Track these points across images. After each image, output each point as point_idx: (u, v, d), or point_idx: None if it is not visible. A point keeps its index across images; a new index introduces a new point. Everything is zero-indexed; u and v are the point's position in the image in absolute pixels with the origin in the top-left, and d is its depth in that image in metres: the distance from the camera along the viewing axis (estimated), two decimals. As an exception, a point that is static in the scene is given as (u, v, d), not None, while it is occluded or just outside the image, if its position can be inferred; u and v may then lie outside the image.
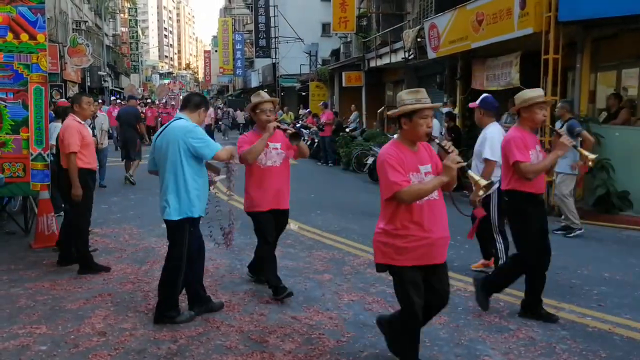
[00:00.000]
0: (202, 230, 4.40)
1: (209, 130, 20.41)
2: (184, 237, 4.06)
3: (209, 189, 4.31)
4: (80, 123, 5.50)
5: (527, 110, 4.25)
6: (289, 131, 4.52)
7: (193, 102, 4.18)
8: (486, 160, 5.10)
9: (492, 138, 5.11)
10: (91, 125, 9.06)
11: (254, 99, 4.61)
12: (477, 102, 5.38)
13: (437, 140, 3.21)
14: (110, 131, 17.18)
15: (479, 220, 4.95)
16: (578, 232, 7.17)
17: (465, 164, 3.08)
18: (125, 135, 11.78)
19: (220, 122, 28.19)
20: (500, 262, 5.23)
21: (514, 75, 9.55)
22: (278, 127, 4.52)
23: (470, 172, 3.24)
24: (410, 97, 3.18)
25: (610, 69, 9.24)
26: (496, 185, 4.88)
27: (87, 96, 5.82)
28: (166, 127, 4.12)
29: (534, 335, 4.00)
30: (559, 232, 7.20)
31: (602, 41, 8.55)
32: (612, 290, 5.03)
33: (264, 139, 4.39)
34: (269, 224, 4.61)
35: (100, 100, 19.94)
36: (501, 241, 5.30)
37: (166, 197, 3.99)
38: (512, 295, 4.83)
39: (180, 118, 4.09)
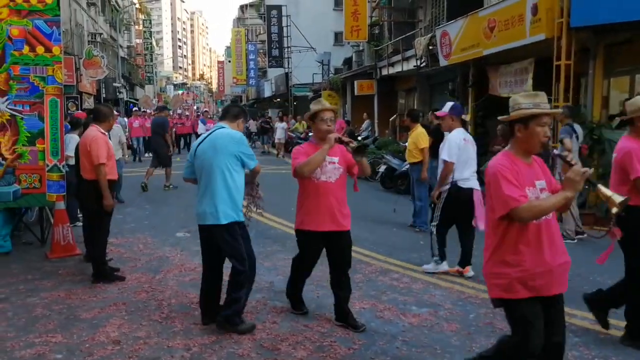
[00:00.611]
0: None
1: None
2: (238, 239, 4.12)
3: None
4: (105, 134, 5.59)
5: None
6: (352, 144, 4.03)
7: (232, 113, 4.31)
8: (444, 162, 5.50)
9: (450, 141, 5.53)
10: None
11: (314, 107, 4.24)
12: (447, 110, 5.73)
13: (556, 151, 2.97)
14: (131, 142, 17.54)
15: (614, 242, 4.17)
16: (570, 241, 7.08)
17: (589, 173, 2.66)
18: (154, 144, 12.31)
19: None
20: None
21: (529, 82, 9.52)
22: (339, 140, 4.06)
23: (601, 188, 2.78)
24: (527, 101, 2.77)
25: (623, 75, 9.15)
26: (447, 187, 5.52)
27: (113, 110, 5.97)
28: (209, 135, 4.17)
29: (547, 343, 3.96)
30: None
31: (615, 47, 8.48)
32: (628, 298, 4.96)
33: (324, 150, 3.99)
34: (314, 246, 4.22)
35: (116, 112, 20.22)
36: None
37: (214, 202, 4.01)
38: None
39: (223, 127, 4.18)
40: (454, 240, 5.76)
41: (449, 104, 5.86)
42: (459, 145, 5.48)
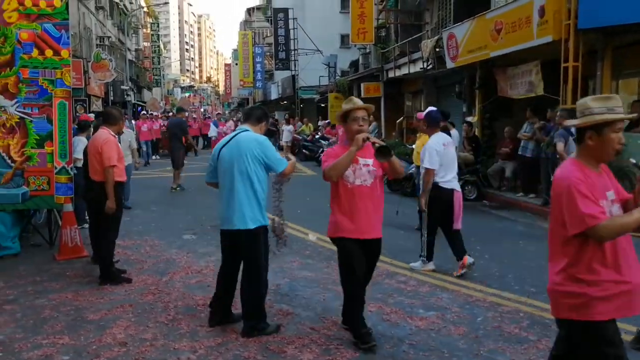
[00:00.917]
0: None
1: None
2: (262, 244, 4.08)
3: None
4: (115, 137, 5.66)
5: None
6: (376, 144, 3.78)
7: (255, 116, 4.25)
8: (425, 169, 5.62)
9: (430, 148, 5.65)
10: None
11: (345, 106, 3.94)
12: (424, 114, 5.93)
13: (634, 161, 2.85)
14: (139, 145, 17.57)
15: None
16: None
17: None
18: (171, 145, 12.45)
19: None
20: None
21: (537, 84, 9.48)
22: (368, 140, 3.77)
23: None
24: (600, 105, 2.50)
25: (631, 76, 9.09)
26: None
27: (120, 111, 6.03)
28: (232, 138, 4.11)
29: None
30: None
31: (623, 48, 8.43)
32: (637, 302, 4.92)
33: (351, 152, 3.71)
34: (357, 253, 3.87)
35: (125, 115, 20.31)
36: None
37: (240, 207, 3.96)
38: (533, 306, 4.76)
39: (246, 130, 4.13)
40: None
41: (429, 109, 6.07)
42: (438, 152, 5.60)
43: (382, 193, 4.05)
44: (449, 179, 5.66)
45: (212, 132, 19.33)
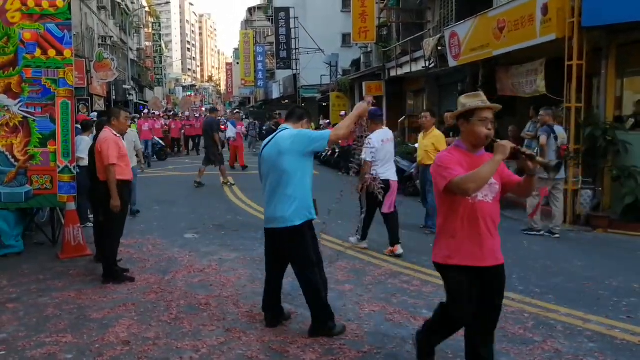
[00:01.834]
0: (224, 240, 4.42)
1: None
2: (307, 240, 4.04)
3: None
4: (117, 136, 5.64)
5: None
6: (539, 159, 3.14)
7: (296, 114, 4.23)
8: (364, 161, 5.97)
9: (368, 143, 5.87)
10: None
11: (471, 102, 3.15)
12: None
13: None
14: (141, 146, 17.46)
15: None
16: (537, 233, 7.73)
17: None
18: (204, 143, 13.33)
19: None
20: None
21: (540, 83, 9.44)
22: (516, 150, 3.07)
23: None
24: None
25: (637, 75, 9.04)
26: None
27: (125, 111, 6.01)
28: (273, 137, 4.11)
29: (560, 347, 3.91)
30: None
31: (628, 46, 8.38)
32: (642, 301, 4.90)
33: (495, 162, 3.01)
34: (468, 285, 3.18)
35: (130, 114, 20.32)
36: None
37: (285, 206, 3.94)
38: (537, 307, 4.75)
39: (286, 128, 4.12)
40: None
41: (370, 109, 6.69)
42: (376, 147, 6.23)
43: (499, 211, 3.30)
44: (385, 170, 6.38)
45: (231, 132, 17.44)
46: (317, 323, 4.07)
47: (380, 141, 6.41)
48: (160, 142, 20.14)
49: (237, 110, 16.36)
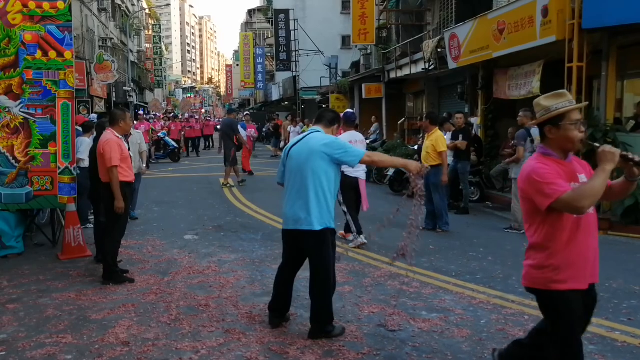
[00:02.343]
0: (224, 242, 4.43)
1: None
2: (329, 247, 3.99)
3: None
4: (119, 137, 5.63)
5: None
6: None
7: (327, 118, 4.23)
8: None
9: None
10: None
11: (556, 104, 2.76)
12: (342, 115, 6.73)
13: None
14: (146, 148, 17.26)
15: None
16: (515, 232, 7.94)
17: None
18: (223, 144, 13.37)
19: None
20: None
21: (535, 84, 9.45)
22: (625, 156, 2.68)
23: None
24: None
25: (637, 77, 9.05)
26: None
27: (128, 112, 6.02)
28: (303, 138, 4.10)
29: (560, 348, 3.90)
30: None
31: (628, 48, 8.39)
32: (642, 304, 4.89)
33: (606, 172, 2.62)
34: (580, 311, 2.88)
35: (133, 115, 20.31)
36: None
37: (307, 208, 3.90)
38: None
39: (318, 131, 4.11)
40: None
41: (345, 111, 7.29)
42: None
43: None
44: (353, 170, 6.55)
45: (242, 134, 16.39)
46: (316, 325, 4.07)
47: (348, 141, 6.27)
48: (174, 143, 20.06)
49: (246, 112, 15.20)
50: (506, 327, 4.31)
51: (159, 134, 20.12)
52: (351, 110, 7.33)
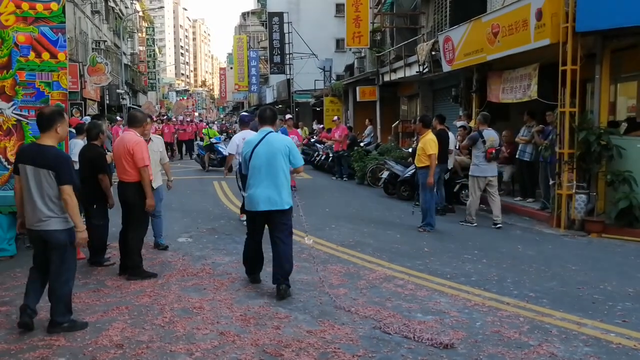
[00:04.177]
0: (217, 244, 4.40)
1: None
2: (291, 218, 5.22)
3: None
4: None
5: None
6: None
7: (270, 118, 5.35)
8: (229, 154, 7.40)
9: (233, 139, 8.40)
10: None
11: None
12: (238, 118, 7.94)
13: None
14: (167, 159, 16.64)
15: None
16: (469, 225, 8.62)
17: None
18: None
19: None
20: None
21: (533, 88, 9.48)
22: None
23: None
24: None
25: (630, 80, 9.11)
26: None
27: (150, 117, 6.40)
28: (264, 138, 5.11)
29: (555, 351, 3.91)
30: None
31: (622, 52, 8.44)
32: (637, 306, 4.90)
33: None
34: None
35: (118, 118, 20.20)
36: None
37: (279, 191, 5.03)
38: (532, 311, 4.74)
39: (271, 131, 5.21)
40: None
41: (240, 114, 8.20)
42: (237, 143, 7.72)
43: None
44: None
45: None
46: (281, 270, 5.05)
47: (242, 139, 7.53)
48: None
49: (289, 116, 13.12)
50: (501, 329, 4.30)
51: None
52: (245, 113, 8.18)
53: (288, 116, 13.95)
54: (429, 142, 8.13)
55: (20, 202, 4.23)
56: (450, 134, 9.94)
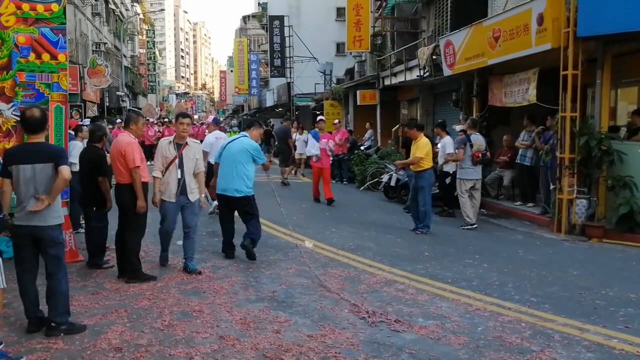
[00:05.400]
0: (217, 247, 4.35)
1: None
2: (255, 203, 6.54)
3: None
4: (135, 139, 5.76)
5: None
6: None
7: (249, 125, 6.96)
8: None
9: (205, 140, 9.00)
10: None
11: None
12: (211, 120, 8.32)
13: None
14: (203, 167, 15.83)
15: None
16: (469, 227, 8.78)
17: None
18: (280, 148, 15.32)
19: None
20: None
21: (532, 92, 9.47)
22: None
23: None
24: None
25: (631, 85, 9.09)
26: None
27: (142, 117, 6.27)
28: (236, 139, 6.68)
29: (558, 357, 3.88)
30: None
31: (623, 57, 8.43)
32: (639, 312, 4.88)
33: None
34: None
35: (118, 121, 20.18)
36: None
37: (245, 182, 6.39)
38: (534, 316, 4.71)
39: (245, 135, 6.69)
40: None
41: (210, 117, 8.81)
42: (211, 143, 8.37)
43: None
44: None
45: (312, 148, 11.52)
46: (253, 242, 6.44)
47: (215, 138, 8.80)
48: None
49: (320, 117, 13.23)
50: (503, 334, 4.27)
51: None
52: (215, 116, 8.75)
53: (320, 118, 12.72)
54: (420, 145, 8.39)
55: (8, 203, 4.24)
56: (448, 137, 9.93)
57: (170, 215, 6.00)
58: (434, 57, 13.18)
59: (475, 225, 8.80)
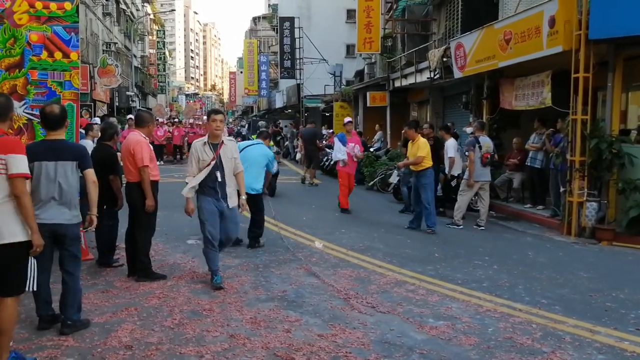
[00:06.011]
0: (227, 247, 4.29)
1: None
2: (262, 200, 7.38)
3: None
4: (146, 138, 5.79)
5: None
6: None
7: (263, 135, 8.02)
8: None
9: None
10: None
11: None
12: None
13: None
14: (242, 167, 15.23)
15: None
16: (456, 227, 8.94)
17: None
18: (307, 150, 15.57)
19: None
20: None
21: (546, 95, 9.42)
22: None
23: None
24: None
25: (642, 89, 9.03)
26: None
27: (155, 118, 6.21)
28: (254, 144, 7.56)
29: (568, 358, 3.85)
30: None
31: (634, 60, 8.37)
32: (651, 315, 4.84)
33: None
34: None
35: (129, 116, 20.30)
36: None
37: (260, 182, 7.25)
38: (545, 318, 4.69)
39: (260, 143, 7.61)
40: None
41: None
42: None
43: None
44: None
45: (339, 152, 10.46)
46: (253, 241, 7.17)
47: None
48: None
49: (348, 120, 11.39)
50: (514, 335, 4.25)
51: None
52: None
53: (347, 119, 11.27)
54: (417, 146, 8.56)
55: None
56: (452, 141, 9.92)
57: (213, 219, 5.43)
58: (444, 59, 13.16)
59: (461, 227, 8.93)
